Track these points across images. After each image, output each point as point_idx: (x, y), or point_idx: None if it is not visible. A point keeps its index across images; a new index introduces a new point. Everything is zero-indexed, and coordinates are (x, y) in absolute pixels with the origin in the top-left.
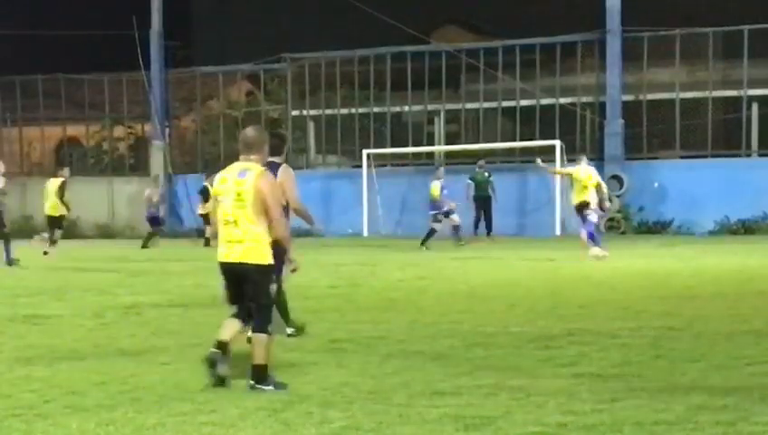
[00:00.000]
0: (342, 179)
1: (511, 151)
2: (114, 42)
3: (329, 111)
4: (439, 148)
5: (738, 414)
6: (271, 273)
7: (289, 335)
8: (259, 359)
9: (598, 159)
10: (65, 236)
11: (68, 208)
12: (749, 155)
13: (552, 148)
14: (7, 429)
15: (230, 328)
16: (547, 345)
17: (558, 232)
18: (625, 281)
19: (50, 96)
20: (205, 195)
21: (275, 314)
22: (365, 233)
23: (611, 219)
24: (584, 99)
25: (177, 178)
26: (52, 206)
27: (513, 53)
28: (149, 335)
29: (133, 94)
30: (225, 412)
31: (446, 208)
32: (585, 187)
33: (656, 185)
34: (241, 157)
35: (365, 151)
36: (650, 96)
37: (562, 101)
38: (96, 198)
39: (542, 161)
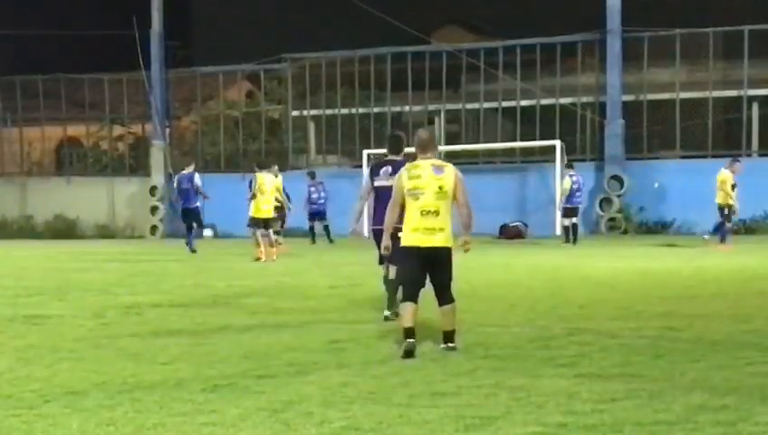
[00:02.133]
0: (343, 180)
1: (511, 151)
2: (114, 42)
3: (329, 112)
4: (439, 148)
5: (739, 414)
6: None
7: (386, 318)
8: (449, 325)
9: (598, 160)
10: (65, 236)
11: None
12: (749, 155)
13: (553, 148)
14: (8, 429)
15: (412, 313)
16: (547, 345)
17: (558, 232)
18: (625, 281)
19: (50, 96)
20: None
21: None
22: (365, 233)
23: (612, 219)
24: (584, 99)
25: (175, 177)
26: None
27: (514, 54)
28: (150, 335)
29: (133, 94)
30: (226, 412)
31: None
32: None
33: (656, 185)
34: (419, 156)
35: (365, 151)
36: (650, 96)
37: (563, 101)
38: (96, 198)
39: (541, 161)
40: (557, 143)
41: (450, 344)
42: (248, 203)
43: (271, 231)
